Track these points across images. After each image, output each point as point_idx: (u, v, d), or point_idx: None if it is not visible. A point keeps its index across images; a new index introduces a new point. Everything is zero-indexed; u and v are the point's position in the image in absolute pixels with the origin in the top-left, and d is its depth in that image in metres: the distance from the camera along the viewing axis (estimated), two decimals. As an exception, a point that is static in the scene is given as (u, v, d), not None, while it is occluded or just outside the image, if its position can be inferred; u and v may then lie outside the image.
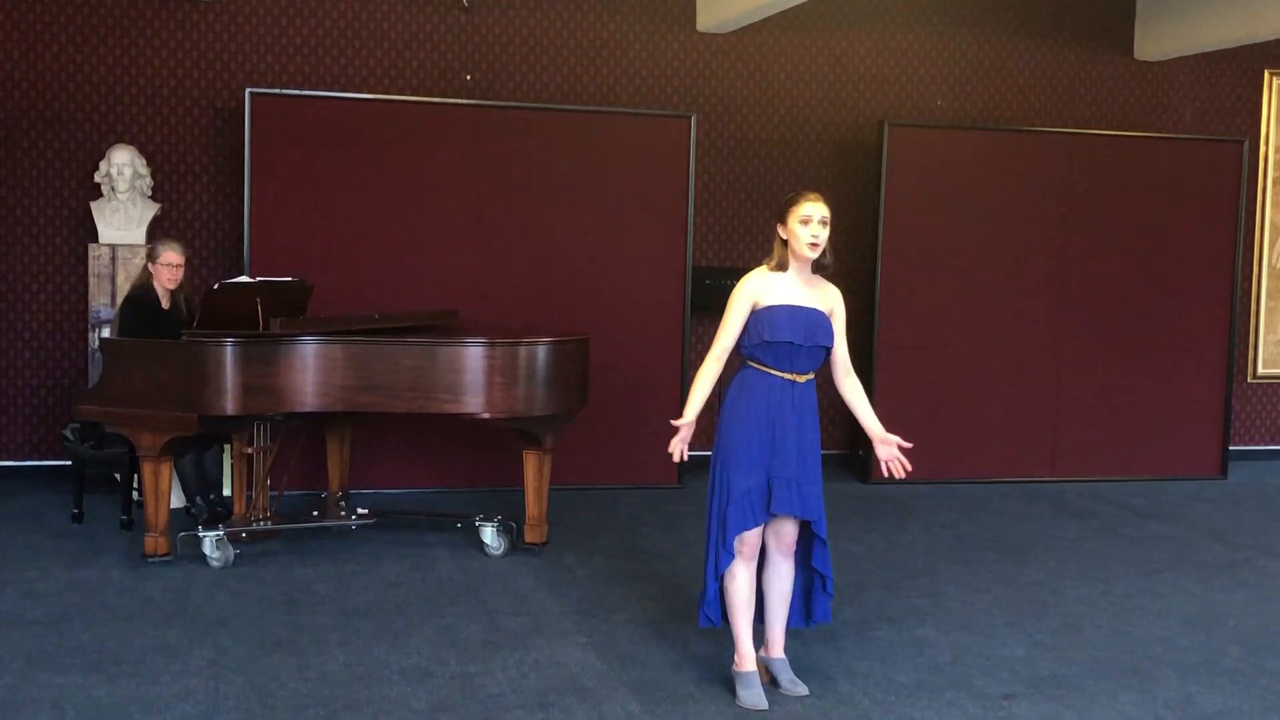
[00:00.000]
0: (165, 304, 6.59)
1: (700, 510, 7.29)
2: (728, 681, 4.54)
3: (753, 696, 4.40)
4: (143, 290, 6.56)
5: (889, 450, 4.53)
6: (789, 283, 4.42)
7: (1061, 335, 8.60)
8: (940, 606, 5.62)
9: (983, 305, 8.41)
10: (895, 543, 6.80)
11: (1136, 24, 9.14)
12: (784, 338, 4.34)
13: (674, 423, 4.52)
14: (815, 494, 4.45)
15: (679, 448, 4.53)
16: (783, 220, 4.39)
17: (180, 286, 6.63)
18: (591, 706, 4.36)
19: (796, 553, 4.55)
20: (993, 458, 8.53)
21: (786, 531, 4.50)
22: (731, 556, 4.41)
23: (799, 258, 4.40)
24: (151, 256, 6.57)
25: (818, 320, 4.41)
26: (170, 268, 6.53)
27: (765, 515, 4.40)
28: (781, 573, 4.55)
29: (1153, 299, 8.72)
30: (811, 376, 4.46)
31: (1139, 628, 5.39)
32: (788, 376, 4.40)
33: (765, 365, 4.41)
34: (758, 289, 4.41)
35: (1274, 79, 9.42)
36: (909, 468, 4.51)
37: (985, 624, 5.39)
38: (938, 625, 5.35)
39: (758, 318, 4.39)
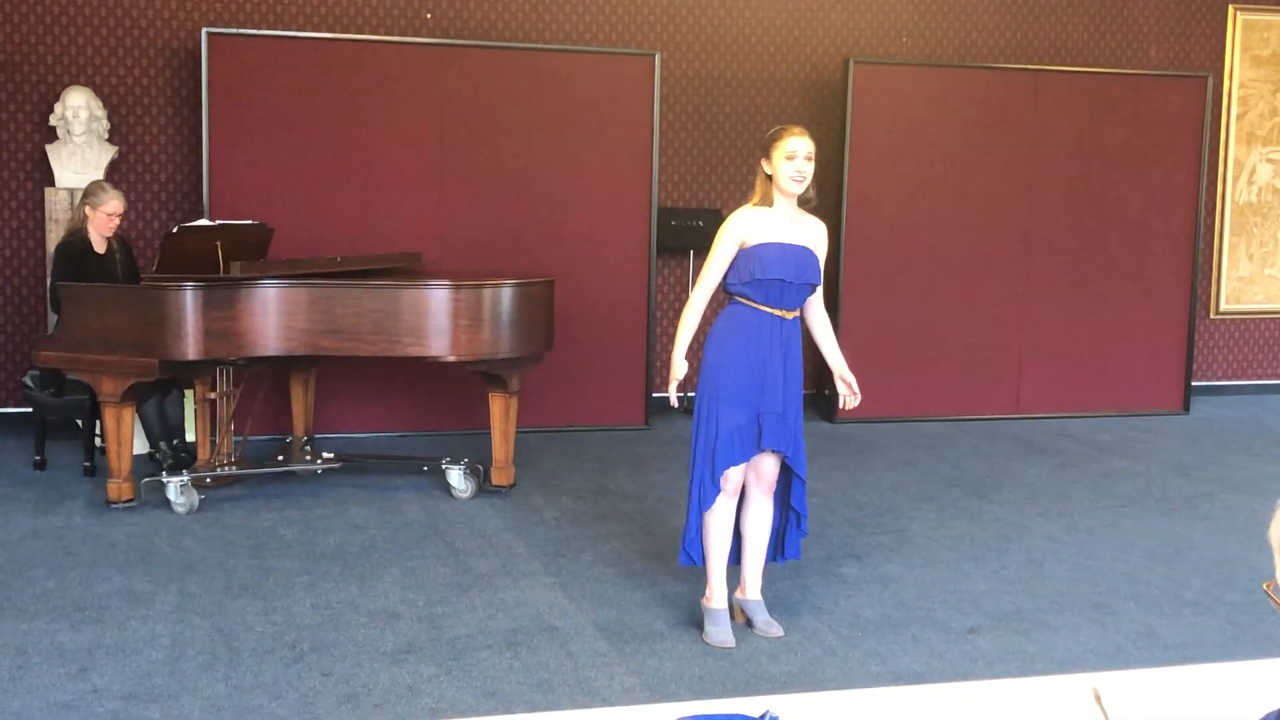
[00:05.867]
0: (100, 249, 6.51)
1: (668, 451, 7.34)
2: (696, 621, 4.56)
3: (720, 633, 4.43)
4: (77, 237, 6.48)
5: (845, 390, 4.58)
6: (777, 219, 4.39)
7: (1026, 272, 8.62)
8: (905, 543, 5.67)
9: (948, 242, 8.41)
10: (861, 481, 6.83)
11: (1102, -41, 9.10)
12: (775, 275, 4.32)
13: (673, 373, 4.47)
14: (798, 429, 4.47)
15: (674, 394, 4.50)
16: (767, 155, 4.37)
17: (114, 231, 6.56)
18: (560, 645, 4.38)
19: (775, 491, 4.57)
20: (957, 395, 8.57)
21: (768, 469, 4.49)
22: (717, 490, 4.39)
23: (784, 193, 4.38)
24: (92, 203, 6.46)
25: (807, 258, 4.40)
26: (112, 217, 6.45)
27: (755, 449, 4.40)
28: (762, 511, 4.55)
29: (1117, 235, 8.74)
30: (798, 313, 4.46)
31: (1101, 561, 5.45)
32: (776, 313, 4.39)
33: (754, 301, 4.38)
34: (745, 228, 4.38)
35: (1238, 14, 9.40)
36: (858, 399, 4.57)
37: (950, 560, 5.43)
38: (903, 561, 5.39)
39: (747, 255, 4.35)
